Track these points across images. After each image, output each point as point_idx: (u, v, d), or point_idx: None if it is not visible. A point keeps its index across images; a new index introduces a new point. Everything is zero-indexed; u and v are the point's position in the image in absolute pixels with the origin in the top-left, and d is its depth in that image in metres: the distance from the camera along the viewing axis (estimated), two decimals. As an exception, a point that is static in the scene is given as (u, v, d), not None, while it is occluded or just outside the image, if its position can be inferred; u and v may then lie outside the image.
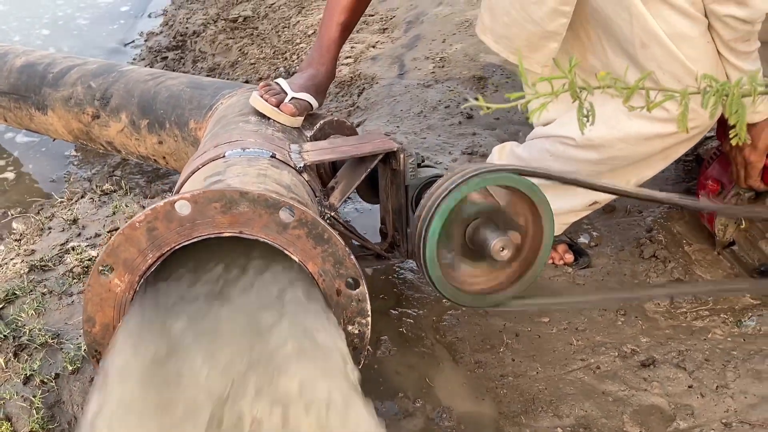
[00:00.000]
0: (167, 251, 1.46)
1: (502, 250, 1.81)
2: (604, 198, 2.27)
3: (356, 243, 2.14)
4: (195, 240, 1.46)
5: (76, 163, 3.87)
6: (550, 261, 2.41)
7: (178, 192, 1.89)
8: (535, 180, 1.82)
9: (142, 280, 1.47)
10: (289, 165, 1.93)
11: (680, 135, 2.00)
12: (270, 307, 1.51)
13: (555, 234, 1.90)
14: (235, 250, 1.62)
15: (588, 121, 1.20)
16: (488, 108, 1.19)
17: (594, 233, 2.55)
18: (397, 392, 1.99)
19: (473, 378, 2.04)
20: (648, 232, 2.52)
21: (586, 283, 2.33)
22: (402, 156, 2.04)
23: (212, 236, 1.46)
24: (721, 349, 2.08)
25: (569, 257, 2.44)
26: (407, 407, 1.96)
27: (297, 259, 1.49)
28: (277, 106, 2.27)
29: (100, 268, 1.46)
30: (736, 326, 2.16)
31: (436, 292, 1.86)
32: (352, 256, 1.51)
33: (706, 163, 2.40)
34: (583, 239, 2.53)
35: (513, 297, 1.91)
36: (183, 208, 1.44)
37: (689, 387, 1.97)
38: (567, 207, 2.25)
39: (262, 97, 2.28)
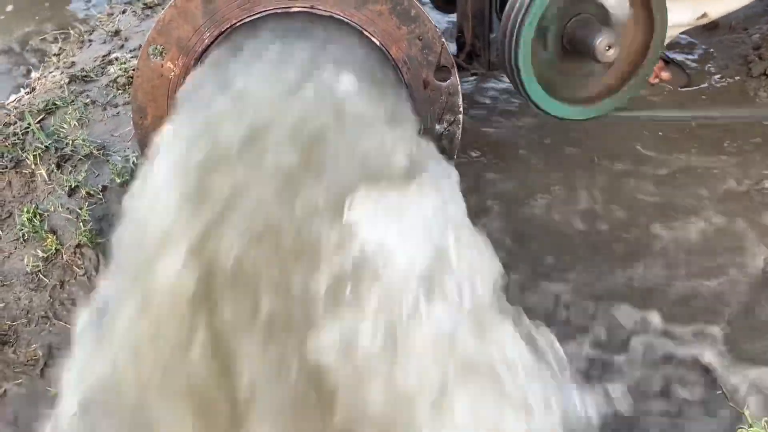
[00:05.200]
0: (227, 28, 1.24)
1: (608, 49, 1.55)
2: (715, 10, 1.96)
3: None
4: (258, 15, 1.23)
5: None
6: (644, 79, 2.15)
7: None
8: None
9: (199, 64, 1.26)
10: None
11: None
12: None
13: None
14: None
15: None
16: None
17: (695, 51, 2.27)
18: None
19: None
20: (756, 49, 2.22)
21: (688, 101, 2.07)
22: (487, -55, 1.76)
23: (279, 11, 1.23)
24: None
25: (666, 75, 2.17)
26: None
27: (378, 42, 1.26)
28: None
29: (151, 49, 1.25)
30: None
31: (529, 104, 1.63)
32: (443, 39, 1.27)
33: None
34: (681, 57, 2.25)
35: (616, 108, 1.68)
36: (245, -26, 1.21)
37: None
38: (672, 20, 1.96)
39: None
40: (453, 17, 2.05)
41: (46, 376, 1.64)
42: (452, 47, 2.07)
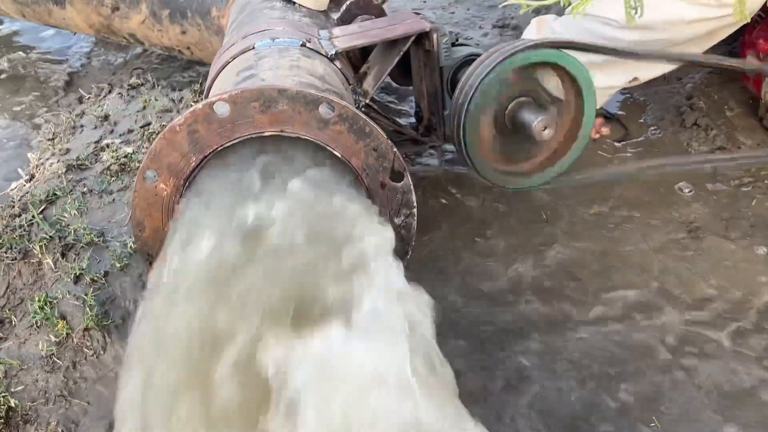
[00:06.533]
0: (210, 153, 1.45)
1: (544, 130, 1.78)
2: (645, 75, 2.20)
3: (392, 128, 2.11)
4: (237, 141, 1.45)
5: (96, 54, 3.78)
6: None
7: (209, 89, 1.86)
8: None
9: (187, 183, 1.47)
10: (320, 53, 1.88)
11: (727, 18, 1.94)
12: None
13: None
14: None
15: (636, 12, 1.16)
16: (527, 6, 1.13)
17: (632, 104, 2.50)
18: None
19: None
20: (688, 99, 2.46)
21: (626, 154, 2.30)
22: (435, 36, 1.98)
23: (253, 136, 1.44)
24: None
25: (605, 130, 2.40)
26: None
27: (339, 155, 1.47)
28: None
29: (145, 175, 1.45)
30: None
31: (479, 177, 1.85)
32: (395, 149, 1.49)
33: (753, 24, 2.29)
34: (620, 111, 2.48)
35: (557, 175, 1.90)
36: (222, 108, 1.42)
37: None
38: (607, 83, 2.19)
39: (284, -20, 2.20)
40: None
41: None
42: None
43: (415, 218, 1.56)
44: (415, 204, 1.54)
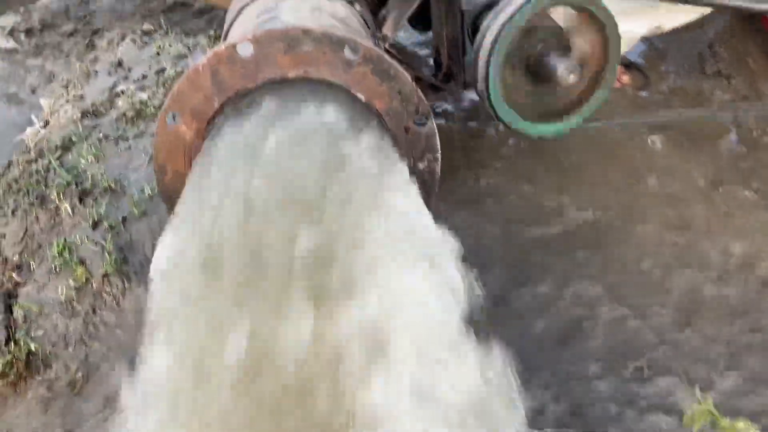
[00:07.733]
0: (233, 95, 1.43)
1: (569, 75, 1.75)
2: (669, 23, 2.16)
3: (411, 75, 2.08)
4: (260, 83, 1.42)
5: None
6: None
7: (227, 33, 1.83)
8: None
9: (210, 126, 1.45)
10: (340, -4, 1.85)
11: None
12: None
13: (616, 55, 1.83)
14: None
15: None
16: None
17: (653, 51, 2.46)
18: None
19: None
20: (710, 47, 2.42)
21: (648, 103, 2.27)
22: (457, -21, 1.94)
23: (277, 78, 1.42)
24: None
25: (626, 78, 2.37)
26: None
27: (363, 98, 1.45)
28: None
29: (168, 116, 1.43)
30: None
31: (501, 125, 1.83)
32: (420, 92, 1.46)
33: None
34: (640, 59, 2.44)
35: (583, 121, 1.87)
36: (245, 49, 1.39)
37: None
38: (630, 30, 2.15)
39: None
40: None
41: (85, 394, 1.85)
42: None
43: (439, 163, 1.54)
44: (438, 149, 1.52)
